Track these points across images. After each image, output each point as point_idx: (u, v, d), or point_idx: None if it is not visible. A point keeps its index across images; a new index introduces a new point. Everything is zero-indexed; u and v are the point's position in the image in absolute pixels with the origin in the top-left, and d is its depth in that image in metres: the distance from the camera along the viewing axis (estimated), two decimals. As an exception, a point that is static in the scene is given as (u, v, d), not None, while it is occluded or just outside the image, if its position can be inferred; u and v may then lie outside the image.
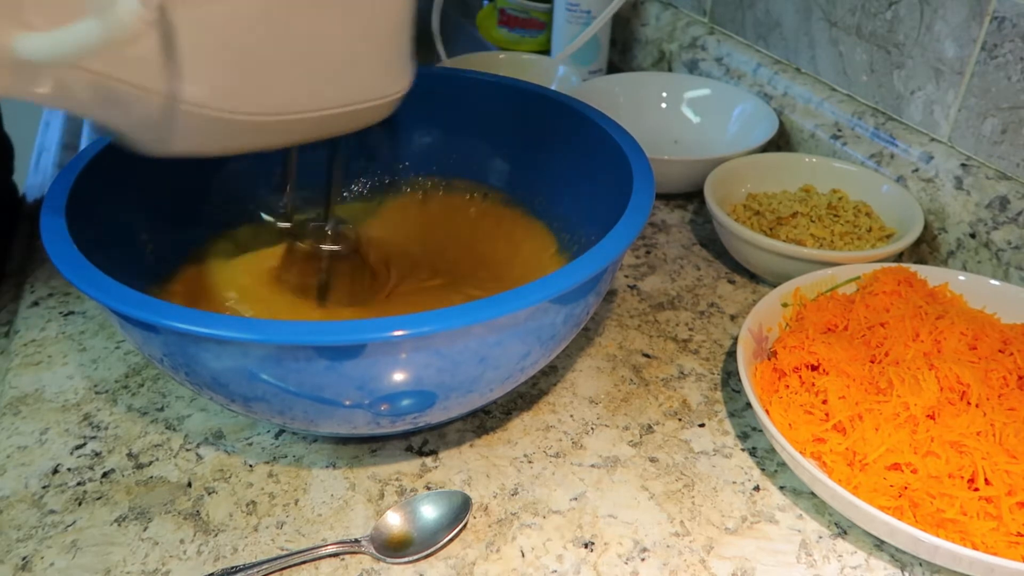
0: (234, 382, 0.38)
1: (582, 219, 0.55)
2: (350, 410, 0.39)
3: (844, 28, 0.71)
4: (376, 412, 0.40)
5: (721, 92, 0.82)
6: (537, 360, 0.42)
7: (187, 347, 0.37)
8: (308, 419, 0.41)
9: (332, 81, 0.40)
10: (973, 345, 0.48)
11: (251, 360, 0.36)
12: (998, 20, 0.56)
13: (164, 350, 0.38)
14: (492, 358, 0.39)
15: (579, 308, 0.42)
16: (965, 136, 0.61)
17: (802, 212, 0.64)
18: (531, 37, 1.01)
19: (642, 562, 0.41)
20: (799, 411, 0.45)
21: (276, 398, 0.39)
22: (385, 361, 0.37)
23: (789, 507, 0.44)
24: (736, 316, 0.59)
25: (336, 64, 0.40)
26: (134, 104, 0.36)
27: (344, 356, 0.36)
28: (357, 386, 0.38)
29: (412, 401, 0.40)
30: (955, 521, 0.39)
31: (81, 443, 0.47)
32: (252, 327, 0.34)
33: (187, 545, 0.41)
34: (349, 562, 0.40)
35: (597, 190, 0.52)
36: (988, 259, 0.58)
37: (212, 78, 0.36)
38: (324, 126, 0.42)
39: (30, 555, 0.40)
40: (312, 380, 0.37)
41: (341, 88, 0.41)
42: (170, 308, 0.35)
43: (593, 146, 0.53)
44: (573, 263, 0.39)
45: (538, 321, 0.39)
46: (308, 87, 0.40)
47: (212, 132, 0.38)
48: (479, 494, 0.44)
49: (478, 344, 0.38)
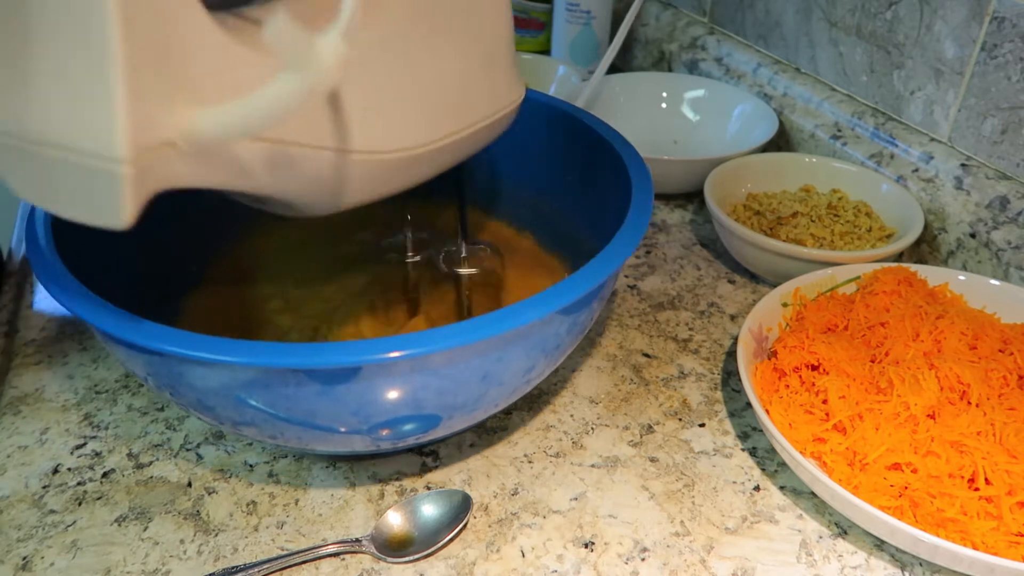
0: (220, 406, 0.36)
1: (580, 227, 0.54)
2: (347, 436, 0.38)
3: (844, 28, 0.71)
4: (376, 437, 0.39)
5: (721, 92, 0.82)
6: (543, 371, 0.42)
7: (170, 367, 0.35)
8: (302, 443, 0.39)
9: (468, 99, 0.40)
10: (973, 345, 0.48)
11: (237, 384, 0.34)
12: (998, 20, 0.57)
13: (148, 369, 0.36)
14: (495, 374, 0.37)
15: (583, 316, 0.41)
16: (965, 136, 0.61)
17: (802, 212, 0.64)
18: (531, 37, 1.01)
19: (642, 562, 0.41)
20: (799, 411, 0.45)
21: (267, 423, 0.37)
22: (382, 384, 0.35)
23: (789, 507, 0.44)
24: (736, 316, 0.59)
25: (469, 82, 0.40)
26: (306, 166, 0.33)
27: (337, 380, 0.34)
28: (352, 412, 0.36)
29: (414, 425, 0.38)
30: (955, 521, 0.39)
31: (81, 443, 0.47)
32: (235, 349, 0.32)
33: (187, 545, 0.41)
34: (349, 562, 0.40)
35: (594, 198, 0.52)
36: (988, 259, 0.58)
37: (376, 121, 0.35)
38: (465, 146, 0.41)
39: (30, 555, 0.40)
40: (304, 406, 0.35)
41: (476, 104, 0.41)
42: (148, 327, 0.33)
43: (588, 151, 0.53)
44: (572, 276, 0.37)
45: (542, 333, 0.38)
46: (452, 109, 0.39)
47: (382, 176, 0.37)
48: (479, 494, 0.44)
49: (480, 361, 0.36)
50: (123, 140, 0.27)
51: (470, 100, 0.40)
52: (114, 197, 0.27)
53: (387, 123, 0.36)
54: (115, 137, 0.27)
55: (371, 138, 0.35)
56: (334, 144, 0.34)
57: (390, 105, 0.36)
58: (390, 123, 0.36)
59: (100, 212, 0.28)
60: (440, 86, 0.38)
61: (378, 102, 0.36)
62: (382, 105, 0.36)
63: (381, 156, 0.36)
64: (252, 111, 0.27)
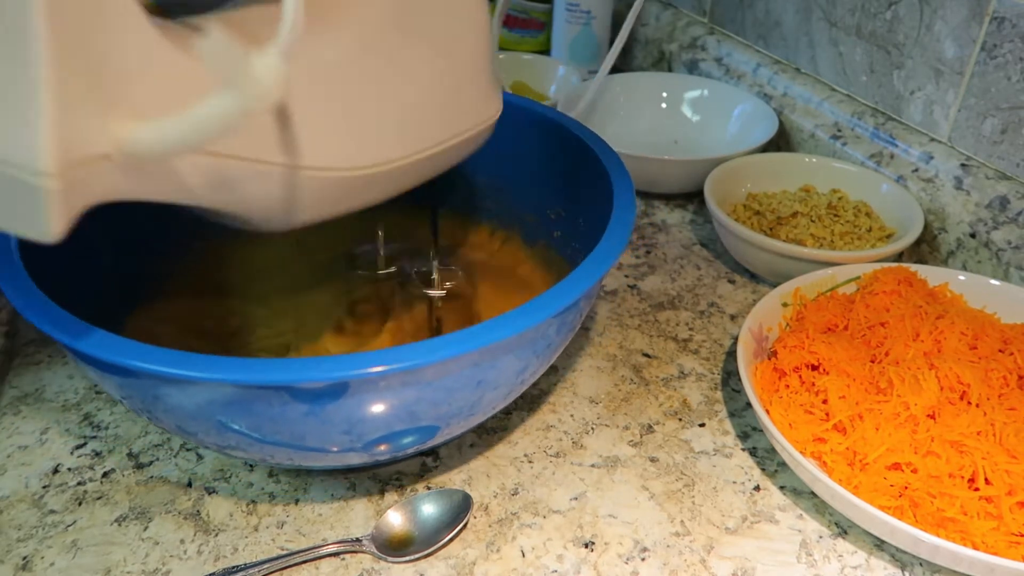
0: (202, 431, 0.34)
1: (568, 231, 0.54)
2: (341, 454, 0.37)
3: (844, 28, 0.71)
4: (373, 453, 0.38)
5: (721, 92, 0.82)
6: (537, 370, 0.42)
7: (145, 388, 0.33)
8: (295, 464, 0.38)
9: (437, 117, 0.39)
10: (973, 345, 0.48)
11: (216, 406, 0.32)
12: (998, 20, 0.57)
13: (121, 392, 0.34)
14: (489, 380, 0.37)
15: (572, 315, 0.41)
16: (965, 136, 0.61)
17: (802, 212, 0.64)
18: (531, 37, 1.01)
19: (642, 562, 0.41)
20: (799, 411, 0.45)
21: (253, 447, 0.35)
22: (373, 400, 0.33)
23: (789, 507, 0.44)
24: (736, 316, 0.59)
25: (438, 99, 0.38)
26: (253, 181, 0.32)
27: (325, 398, 0.32)
28: (344, 431, 0.34)
29: (412, 438, 0.38)
30: (955, 521, 0.39)
31: (81, 443, 0.47)
32: (208, 365, 0.30)
33: (187, 545, 0.41)
34: (349, 561, 0.40)
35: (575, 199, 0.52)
36: (988, 259, 0.58)
37: (331, 137, 0.34)
38: (432, 164, 0.40)
39: (30, 555, 0.40)
40: (291, 428, 0.33)
41: (445, 122, 0.39)
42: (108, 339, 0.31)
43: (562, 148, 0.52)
44: (558, 286, 0.37)
45: (531, 337, 0.38)
46: (418, 127, 0.38)
47: (336, 194, 0.36)
48: (479, 494, 0.44)
49: (472, 369, 0.35)
50: (49, 153, 0.25)
51: (439, 118, 0.39)
52: (40, 210, 0.26)
53: (343, 140, 0.34)
54: (40, 150, 0.25)
55: (325, 155, 0.34)
56: (283, 160, 0.32)
57: (348, 122, 0.35)
58: (346, 140, 0.35)
59: (29, 224, 0.27)
60: (404, 104, 0.37)
61: (334, 118, 0.34)
62: (338, 122, 0.34)
63: (336, 174, 0.35)
64: (190, 127, 0.26)
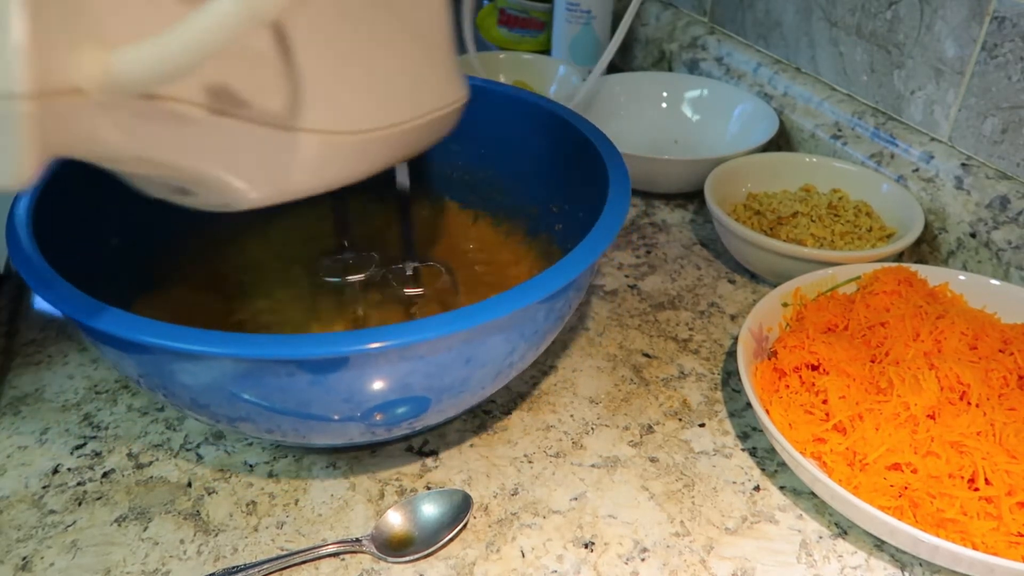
0: (215, 403, 0.37)
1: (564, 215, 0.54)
2: (342, 423, 0.39)
3: (844, 28, 0.71)
4: (370, 422, 0.39)
5: (721, 92, 0.82)
6: (525, 354, 0.42)
7: (162, 364, 0.35)
8: (299, 435, 0.40)
9: (415, 89, 0.39)
10: (973, 345, 0.48)
11: (229, 378, 0.35)
12: (998, 20, 0.56)
13: (139, 370, 0.37)
14: (478, 358, 0.39)
15: (560, 303, 0.42)
16: (965, 136, 0.61)
17: (802, 212, 0.64)
18: (531, 37, 1.01)
19: (642, 562, 0.41)
20: (799, 411, 0.45)
21: (262, 417, 0.38)
22: (371, 371, 0.36)
23: (789, 507, 0.44)
24: (736, 316, 0.59)
25: (409, 72, 0.39)
26: (242, 141, 0.31)
27: (328, 369, 0.35)
28: (344, 399, 0.37)
29: (406, 408, 0.39)
30: (955, 521, 0.39)
31: (81, 443, 0.47)
32: (230, 341, 0.33)
33: (187, 545, 0.41)
34: (349, 562, 0.40)
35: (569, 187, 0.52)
36: (988, 259, 0.58)
37: (326, 98, 0.33)
38: (410, 139, 0.41)
39: (30, 555, 0.40)
40: (297, 396, 0.36)
41: (423, 96, 0.40)
42: (137, 320, 0.33)
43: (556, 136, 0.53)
44: (549, 270, 0.38)
45: (518, 321, 0.39)
46: (400, 96, 0.38)
47: (330, 159, 0.35)
48: (479, 494, 0.44)
49: (462, 347, 0.37)
50: (23, 74, 0.23)
51: (410, 92, 0.39)
52: (12, 142, 0.24)
53: (323, 102, 0.34)
54: (14, 71, 0.23)
55: (322, 116, 0.34)
56: (281, 119, 0.32)
57: (341, 83, 0.34)
58: (325, 102, 0.34)
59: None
60: (377, 73, 0.37)
61: (327, 78, 0.34)
62: (332, 82, 0.34)
63: (331, 136, 0.34)
64: (179, 45, 0.23)
